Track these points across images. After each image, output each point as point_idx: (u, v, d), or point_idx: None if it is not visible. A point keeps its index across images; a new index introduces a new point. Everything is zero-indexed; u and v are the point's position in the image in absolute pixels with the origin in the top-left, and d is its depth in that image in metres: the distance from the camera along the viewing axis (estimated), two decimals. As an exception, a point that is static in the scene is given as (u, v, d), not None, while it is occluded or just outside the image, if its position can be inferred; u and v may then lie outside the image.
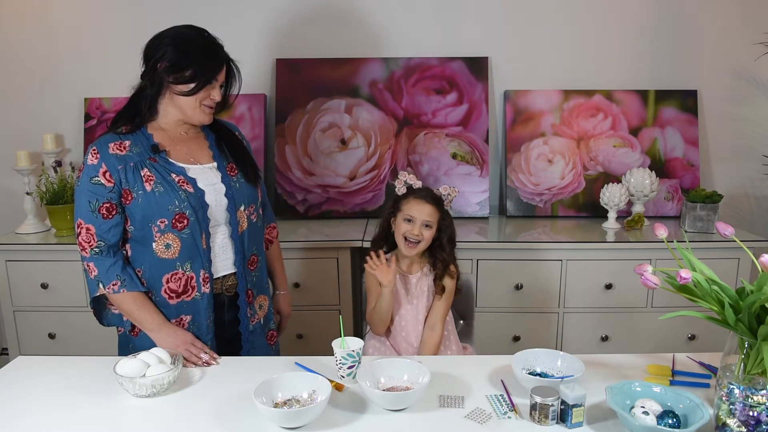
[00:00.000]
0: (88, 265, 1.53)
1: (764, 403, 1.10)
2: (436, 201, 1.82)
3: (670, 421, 1.14)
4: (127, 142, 1.54)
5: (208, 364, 1.50)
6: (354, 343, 1.42)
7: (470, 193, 2.85)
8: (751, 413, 1.11)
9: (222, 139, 1.67)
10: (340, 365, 1.39)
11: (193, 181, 1.55)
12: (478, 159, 2.85)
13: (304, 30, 2.85)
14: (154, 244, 1.53)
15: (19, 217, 2.75)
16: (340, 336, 1.43)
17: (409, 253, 1.81)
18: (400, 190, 1.86)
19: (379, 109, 2.87)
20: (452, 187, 1.89)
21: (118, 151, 1.52)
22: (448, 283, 1.83)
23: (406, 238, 1.79)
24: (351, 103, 2.86)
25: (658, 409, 1.17)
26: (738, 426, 1.12)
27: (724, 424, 1.14)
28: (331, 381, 1.32)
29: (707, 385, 1.36)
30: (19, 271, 2.51)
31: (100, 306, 1.63)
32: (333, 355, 1.40)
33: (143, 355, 1.38)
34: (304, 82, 2.87)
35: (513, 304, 2.50)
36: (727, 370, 1.15)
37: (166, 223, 1.51)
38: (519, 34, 2.86)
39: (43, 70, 2.88)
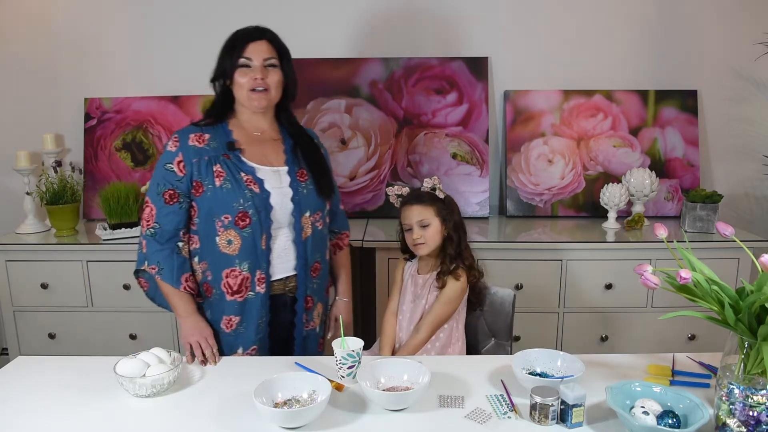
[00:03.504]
0: (141, 241, 1.60)
1: (764, 403, 1.10)
2: (422, 199, 1.80)
3: (670, 421, 1.14)
4: (207, 135, 1.60)
5: (205, 363, 1.52)
6: (354, 343, 1.42)
7: (470, 193, 2.85)
8: (751, 413, 1.11)
9: (299, 145, 1.69)
10: (340, 365, 1.39)
11: (260, 182, 1.58)
12: (478, 159, 2.85)
13: (304, 30, 2.85)
14: (217, 238, 1.57)
15: (19, 217, 2.74)
16: (340, 336, 1.43)
17: (421, 253, 1.82)
18: (397, 203, 1.87)
19: (379, 109, 2.86)
20: (433, 177, 1.86)
21: (197, 143, 1.58)
22: (451, 284, 1.76)
23: (414, 245, 1.81)
24: (351, 103, 2.86)
25: (658, 409, 1.17)
26: (738, 426, 1.12)
27: (724, 424, 1.14)
28: (331, 381, 1.33)
29: (707, 385, 1.36)
30: (19, 271, 2.51)
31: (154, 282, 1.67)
32: (333, 355, 1.41)
33: (143, 355, 1.39)
34: (304, 82, 2.83)
35: (513, 304, 2.50)
36: (727, 370, 1.15)
37: (230, 219, 1.55)
38: (519, 34, 2.86)
39: (43, 70, 2.87)
